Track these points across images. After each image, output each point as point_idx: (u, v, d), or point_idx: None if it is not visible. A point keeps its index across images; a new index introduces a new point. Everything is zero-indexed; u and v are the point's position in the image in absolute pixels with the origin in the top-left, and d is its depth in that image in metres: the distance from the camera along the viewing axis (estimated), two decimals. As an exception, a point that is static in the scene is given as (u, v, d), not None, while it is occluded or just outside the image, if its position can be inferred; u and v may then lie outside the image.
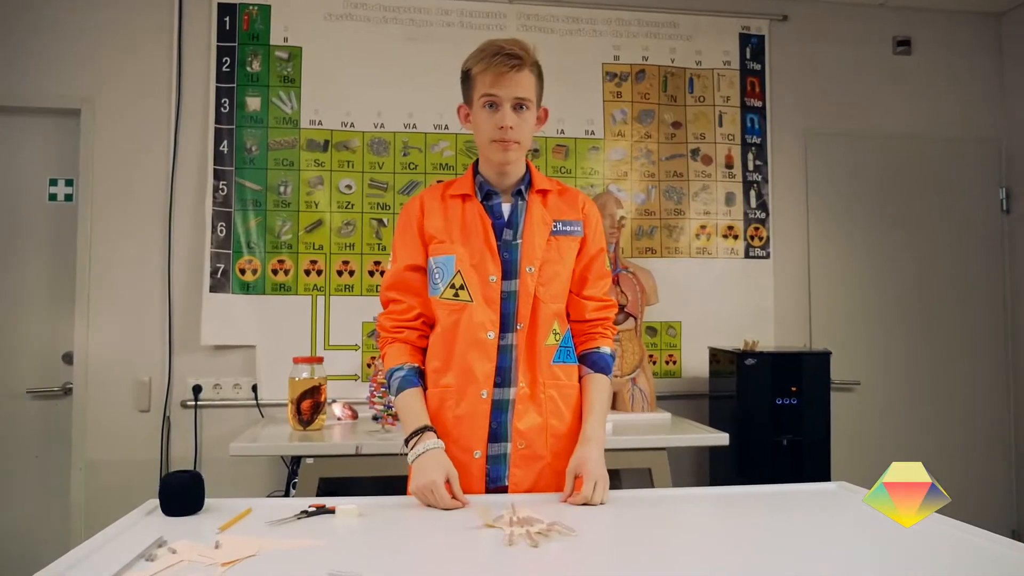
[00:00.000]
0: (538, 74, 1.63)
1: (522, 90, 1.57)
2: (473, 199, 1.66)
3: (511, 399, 1.60)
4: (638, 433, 2.42)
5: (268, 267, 2.82)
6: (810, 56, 3.26)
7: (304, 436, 2.36)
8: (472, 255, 1.60)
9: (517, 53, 1.55)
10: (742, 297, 3.11)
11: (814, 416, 2.64)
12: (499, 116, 1.56)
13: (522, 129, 1.59)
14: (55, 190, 2.84)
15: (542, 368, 1.62)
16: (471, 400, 1.58)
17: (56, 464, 2.75)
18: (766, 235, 3.15)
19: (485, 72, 1.56)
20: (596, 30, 3.09)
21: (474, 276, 1.60)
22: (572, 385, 1.68)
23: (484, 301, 1.59)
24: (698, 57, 3.15)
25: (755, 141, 3.17)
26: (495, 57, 1.54)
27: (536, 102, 1.63)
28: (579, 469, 1.51)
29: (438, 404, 1.61)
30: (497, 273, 1.60)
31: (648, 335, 3.05)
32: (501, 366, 1.60)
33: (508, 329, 1.61)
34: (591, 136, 3.06)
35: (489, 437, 1.58)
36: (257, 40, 2.87)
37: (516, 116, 1.57)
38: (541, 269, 1.62)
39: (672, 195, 3.11)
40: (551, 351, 1.64)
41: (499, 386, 1.60)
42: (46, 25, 2.77)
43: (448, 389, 1.60)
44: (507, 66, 1.54)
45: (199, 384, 2.78)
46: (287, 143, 2.87)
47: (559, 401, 1.64)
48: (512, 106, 1.57)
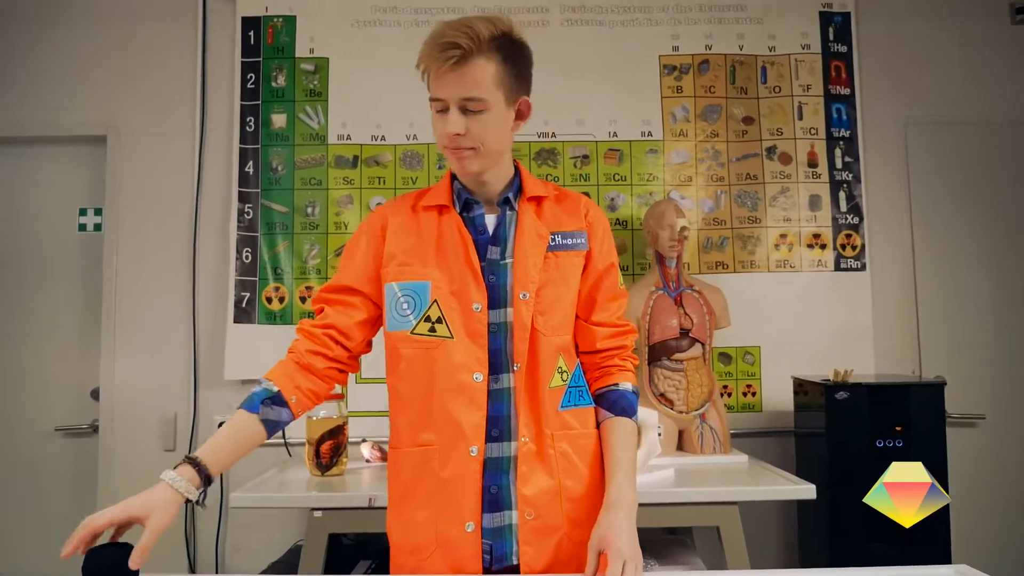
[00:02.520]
0: (504, 58, 1.25)
1: (469, 87, 1.22)
2: (451, 211, 1.35)
3: (511, 456, 1.28)
4: (708, 481, 2.04)
5: (296, 294, 2.62)
6: (907, 33, 2.79)
7: (323, 483, 2.11)
8: (451, 280, 1.29)
9: (457, 42, 1.19)
10: (833, 316, 2.66)
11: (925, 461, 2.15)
12: (445, 121, 1.24)
13: (476, 133, 1.25)
14: (85, 220, 2.75)
15: (548, 417, 1.30)
16: (458, 460, 1.26)
17: (85, 505, 2.62)
18: (860, 243, 2.69)
19: (428, 72, 1.24)
20: (651, 19, 2.75)
21: (454, 305, 1.29)
22: (588, 434, 1.35)
23: (467, 335, 1.28)
24: (771, 42, 2.75)
25: (843, 135, 2.73)
26: (433, 51, 1.21)
27: (504, 95, 1.26)
28: (603, 544, 1.17)
29: (419, 466, 1.30)
30: (482, 300, 1.28)
31: (721, 363, 2.65)
32: (495, 415, 1.28)
33: (501, 369, 1.29)
34: (648, 138, 2.71)
35: (485, 505, 1.26)
36: (282, 53, 2.70)
37: (467, 119, 1.24)
38: (539, 294, 1.30)
39: (745, 201, 2.71)
40: (558, 394, 1.32)
41: (495, 440, 1.28)
42: (68, 52, 2.70)
43: (430, 448, 1.29)
44: (444, 61, 1.20)
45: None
46: (314, 161, 2.67)
47: (573, 456, 1.31)
48: (460, 108, 1.23)
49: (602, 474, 1.32)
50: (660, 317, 2.38)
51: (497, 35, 1.23)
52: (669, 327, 2.37)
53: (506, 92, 1.26)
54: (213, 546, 2.55)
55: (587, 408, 1.35)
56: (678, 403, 2.35)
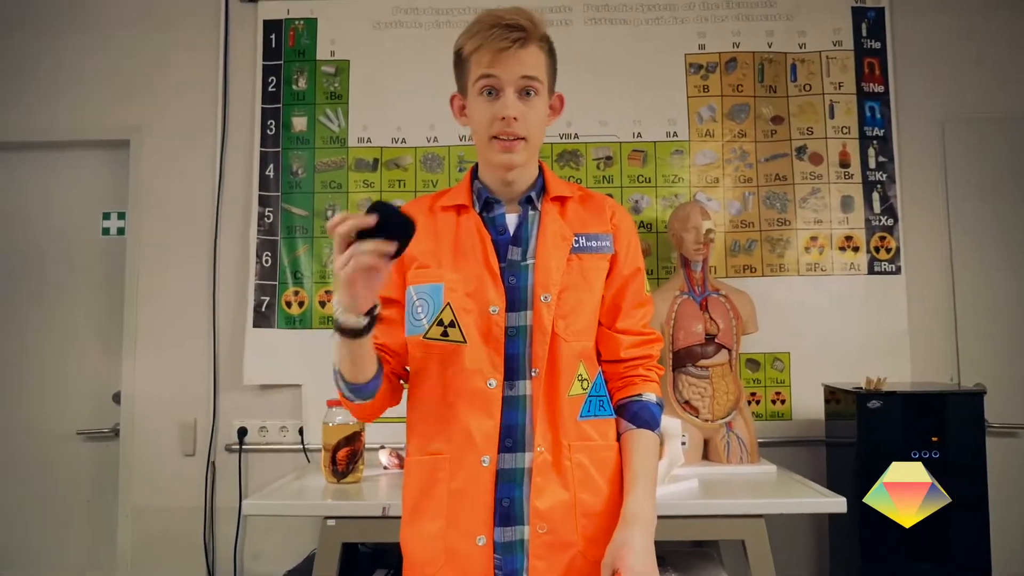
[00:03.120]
0: (549, 51, 1.29)
1: (528, 68, 1.22)
2: (470, 211, 1.31)
3: (525, 468, 1.23)
4: (733, 492, 1.97)
5: (315, 299, 2.60)
6: (944, 28, 2.68)
7: (338, 491, 2.08)
8: (467, 281, 1.25)
9: (520, 23, 1.20)
10: (867, 321, 2.56)
11: (964, 473, 2.06)
12: (500, 104, 1.22)
13: (530, 120, 1.24)
14: (108, 224, 2.76)
15: (566, 426, 1.25)
16: (469, 470, 1.22)
17: (106, 510, 2.63)
18: (895, 246, 2.59)
19: (481, 50, 1.22)
20: (677, 17, 2.68)
21: (470, 308, 1.24)
22: (608, 446, 1.29)
23: (482, 339, 1.23)
24: (801, 39, 2.67)
25: (877, 134, 2.63)
26: (492, 30, 1.20)
27: (548, 86, 1.28)
28: (617, 562, 1.12)
29: (429, 477, 1.26)
30: (500, 303, 1.24)
31: (749, 369, 2.57)
32: (509, 424, 1.23)
33: (517, 376, 1.24)
34: (673, 139, 2.64)
35: (498, 519, 1.22)
36: (303, 56, 2.68)
37: (522, 104, 1.23)
38: (560, 297, 1.25)
39: (774, 202, 2.63)
40: (577, 403, 1.27)
41: (508, 451, 1.23)
42: (91, 57, 2.71)
43: (440, 457, 1.25)
44: (508, 40, 1.20)
45: (244, 426, 2.58)
46: (334, 164, 2.65)
47: (591, 468, 1.26)
48: (517, 90, 1.23)
49: (621, 490, 1.26)
50: (685, 322, 2.31)
51: (543, 28, 1.26)
52: (694, 333, 2.30)
53: (549, 84, 1.29)
54: (232, 552, 2.53)
55: (608, 419, 1.30)
56: (703, 411, 2.28)
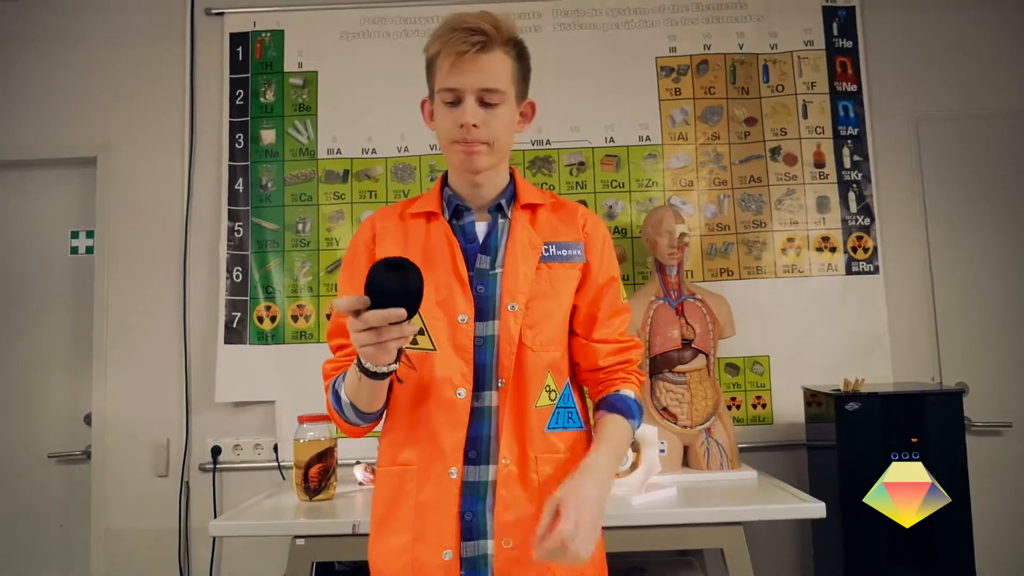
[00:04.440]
0: (518, 55, 1.25)
1: (489, 78, 1.19)
2: (439, 218, 1.29)
3: (489, 480, 1.20)
4: (711, 500, 1.93)
5: (288, 313, 2.56)
6: (915, 25, 2.67)
7: (310, 508, 2.04)
8: (436, 289, 1.23)
9: (482, 27, 1.18)
10: (846, 322, 2.53)
11: (945, 473, 2.01)
12: (459, 111, 1.20)
13: (492, 127, 1.22)
14: (76, 243, 2.72)
15: (533, 438, 1.22)
16: (436, 482, 1.19)
17: (79, 533, 2.57)
18: (872, 245, 2.57)
19: (442, 54, 1.20)
20: (646, 20, 2.66)
21: (439, 316, 1.22)
22: (575, 458, 1.25)
23: (453, 348, 1.21)
24: (772, 40, 2.65)
25: (851, 133, 2.62)
26: (454, 33, 1.18)
27: (515, 93, 1.25)
28: (562, 504, 1.07)
29: (395, 488, 1.23)
30: (469, 311, 1.22)
31: (728, 374, 2.53)
32: (475, 435, 1.21)
33: (485, 386, 1.22)
34: (647, 143, 2.62)
35: (462, 533, 1.19)
36: (271, 68, 2.65)
37: (483, 111, 1.20)
38: (528, 306, 1.23)
39: (750, 204, 2.60)
40: (544, 415, 1.24)
41: (472, 463, 1.21)
42: (58, 75, 2.68)
43: (408, 468, 1.22)
44: (467, 43, 1.17)
45: (218, 445, 2.54)
46: (304, 176, 2.61)
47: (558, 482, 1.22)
48: (478, 98, 1.20)
49: None
50: (661, 328, 2.28)
51: (511, 31, 1.22)
52: (670, 338, 2.26)
53: (517, 90, 1.25)
54: (207, 573, 2.48)
55: (577, 432, 1.27)
56: (682, 417, 2.24)
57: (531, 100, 1.32)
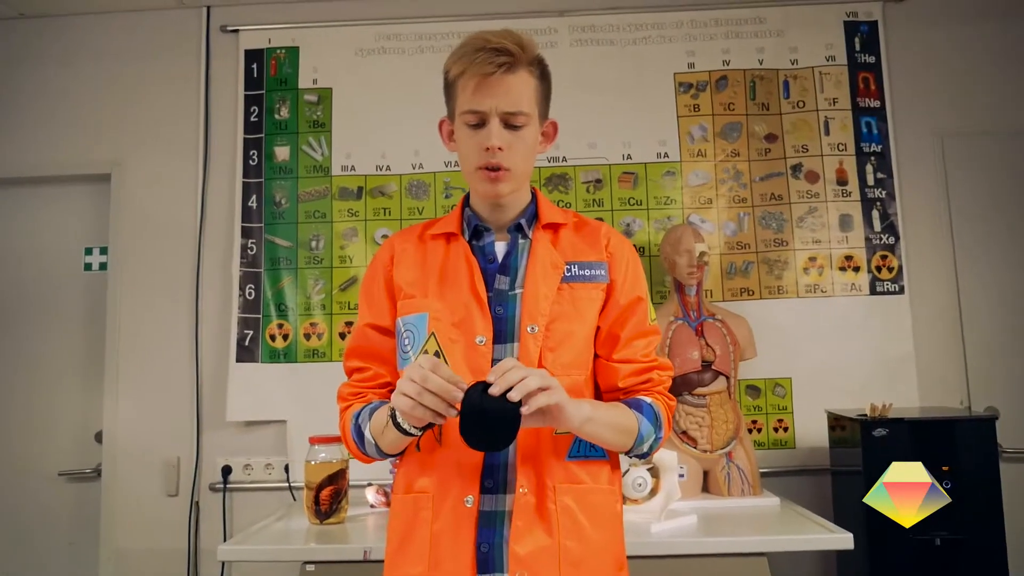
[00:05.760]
0: (541, 75, 1.22)
1: (513, 100, 1.16)
2: (459, 238, 1.26)
3: (506, 510, 1.15)
4: (737, 528, 1.87)
5: (300, 331, 2.53)
6: (940, 40, 2.62)
7: (321, 532, 2.00)
8: (453, 310, 1.19)
9: (507, 47, 1.14)
10: (871, 344, 2.46)
11: (978, 504, 1.96)
12: (484, 133, 1.17)
13: (515, 150, 1.18)
14: (90, 259, 2.70)
15: (552, 466, 1.17)
16: (451, 510, 1.15)
17: (87, 552, 2.54)
18: (897, 264, 2.51)
19: (466, 75, 1.16)
20: (664, 35, 2.63)
21: (456, 338, 1.18)
22: (599, 489, 1.21)
23: (470, 371, 1.17)
24: (793, 55, 2.61)
25: (874, 149, 2.56)
26: (478, 54, 1.14)
27: (539, 114, 1.22)
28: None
29: (411, 516, 1.19)
30: (487, 333, 1.18)
31: (749, 396, 2.47)
32: (492, 463, 1.16)
33: None
34: (664, 159, 2.58)
35: (478, 564, 1.14)
36: (285, 85, 2.64)
37: (508, 133, 1.17)
38: (549, 328, 1.19)
39: (771, 222, 2.55)
40: (565, 442, 1.19)
41: (488, 492, 1.16)
42: (73, 91, 2.68)
43: (423, 496, 1.18)
44: (493, 65, 1.14)
45: (228, 464, 2.50)
46: (318, 193, 2.59)
47: (578, 514, 1.17)
48: (503, 120, 1.17)
49: (612, 538, 1.20)
50: (680, 349, 2.22)
51: (535, 51, 1.19)
52: (690, 359, 2.21)
53: (540, 111, 1.23)
54: (216, 597, 2.44)
55: (600, 461, 1.21)
56: (702, 441, 2.19)
57: (553, 120, 1.29)
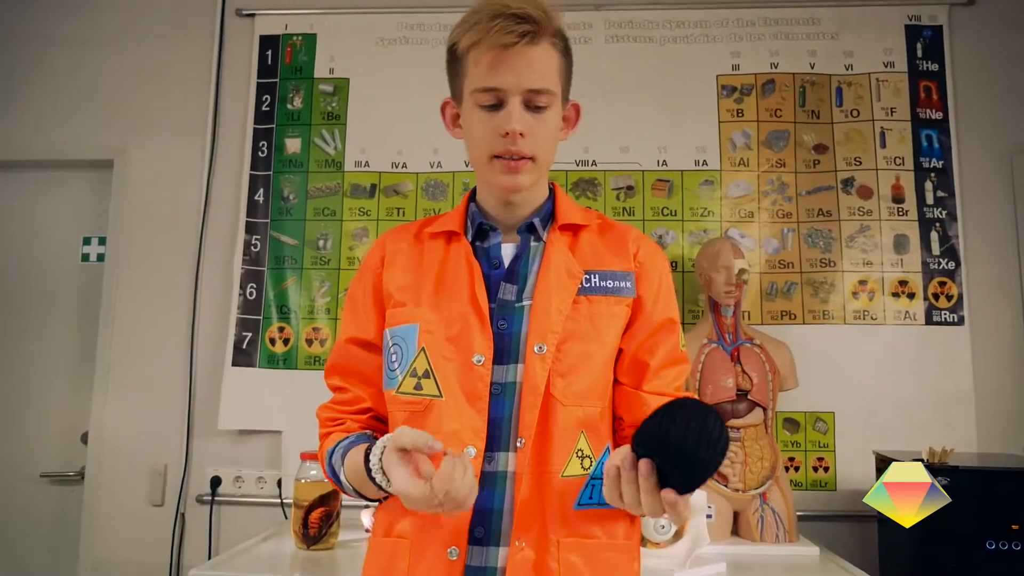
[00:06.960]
0: (564, 49, 1.04)
1: (537, 76, 0.98)
2: (461, 239, 1.07)
3: (498, 567, 0.96)
4: (766, 579, 1.65)
5: (302, 336, 2.36)
6: (1010, 47, 2.38)
7: (307, 560, 1.81)
8: (448, 323, 1.00)
9: (530, 13, 0.96)
10: (924, 379, 2.23)
11: (1052, 569, 1.72)
12: (503, 116, 0.98)
13: (539, 136, 1.00)
14: (88, 249, 2.56)
15: (556, 516, 0.97)
16: (431, 564, 0.95)
17: (65, 560, 2.38)
18: (957, 292, 2.27)
19: (480, 46, 0.97)
20: (708, 35, 2.43)
21: (450, 356, 0.99)
22: (613, 545, 1.00)
23: (464, 396, 0.98)
24: (848, 60, 2.39)
25: (935, 165, 2.33)
26: (495, 21, 0.95)
27: (562, 94, 1.04)
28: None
29: (386, 566, 1.00)
30: (487, 352, 0.98)
31: (787, 431, 2.25)
32: (484, 508, 0.96)
33: (499, 446, 0.98)
34: (703, 167, 2.37)
35: None
36: (300, 73, 2.48)
37: (530, 116, 0.99)
38: (560, 349, 0.99)
39: (817, 240, 2.33)
40: (574, 487, 0.99)
41: (479, 543, 0.96)
42: (78, 73, 2.54)
43: (401, 542, 0.99)
44: (514, 35, 0.95)
45: (218, 475, 2.33)
46: (329, 189, 2.43)
47: (586, 574, 0.97)
48: (524, 100, 0.98)
49: None
50: (714, 375, 2.01)
51: (558, 22, 1.01)
52: (724, 387, 1.99)
53: (564, 91, 1.05)
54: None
55: (616, 511, 0.98)
56: (733, 479, 1.97)
57: (575, 102, 1.10)
